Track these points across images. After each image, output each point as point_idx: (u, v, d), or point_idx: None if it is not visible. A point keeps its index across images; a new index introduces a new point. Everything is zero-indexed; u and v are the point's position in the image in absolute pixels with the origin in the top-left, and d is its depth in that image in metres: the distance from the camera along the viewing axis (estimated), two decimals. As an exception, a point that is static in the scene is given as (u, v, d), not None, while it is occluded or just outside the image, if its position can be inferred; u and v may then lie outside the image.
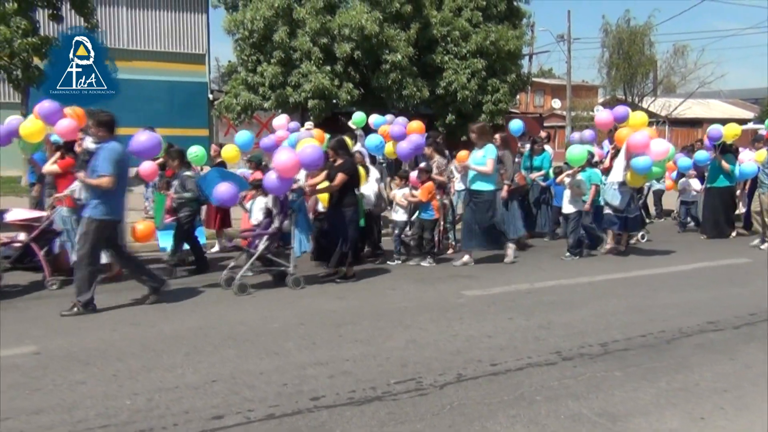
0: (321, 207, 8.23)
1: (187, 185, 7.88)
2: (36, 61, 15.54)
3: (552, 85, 46.80)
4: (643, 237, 10.61)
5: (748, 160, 10.94)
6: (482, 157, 8.46)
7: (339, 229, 7.60)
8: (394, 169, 11.24)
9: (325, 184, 7.64)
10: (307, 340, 5.27)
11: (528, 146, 11.16)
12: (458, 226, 9.71)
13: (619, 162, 9.04)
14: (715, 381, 4.44)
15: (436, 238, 9.03)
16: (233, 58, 23.95)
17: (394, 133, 10.16)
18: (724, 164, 10.94)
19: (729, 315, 6.11)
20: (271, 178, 7.02)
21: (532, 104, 44.11)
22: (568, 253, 9.21)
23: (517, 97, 32.10)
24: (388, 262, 8.74)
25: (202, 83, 24.71)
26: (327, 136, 9.80)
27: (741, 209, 12.14)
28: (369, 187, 8.68)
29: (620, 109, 10.22)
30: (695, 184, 12.16)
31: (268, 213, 7.54)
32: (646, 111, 29.50)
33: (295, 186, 7.37)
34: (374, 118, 11.45)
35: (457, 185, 9.70)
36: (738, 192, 11.75)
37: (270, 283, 7.44)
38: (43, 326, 5.72)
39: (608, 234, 9.62)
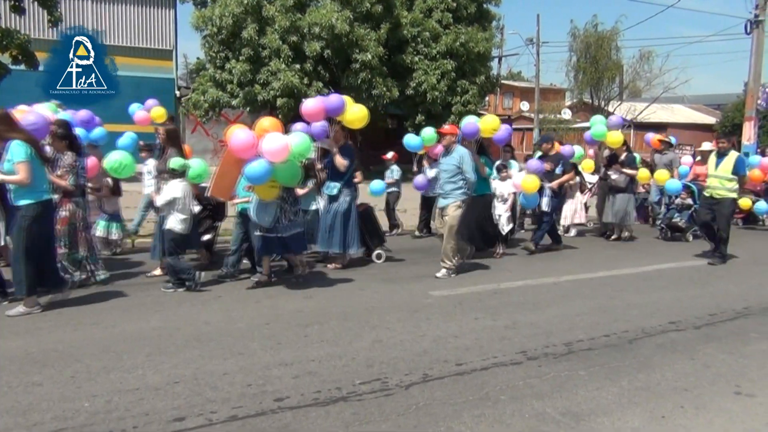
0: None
1: None
2: (-3, 54, 15.11)
3: (521, 88, 47.42)
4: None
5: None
6: (8, 162, 5.73)
7: None
8: None
9: None
10: (273, 341, 5.21)
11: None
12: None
13: (222, 173, 6.97)
14: (676, 380, 4.52)
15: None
16: (201, 55, 23.73)
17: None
18: (482, 167, 8.64)
19: (690, 315, 6.24)
20: None
21: (501, 106, 44.56)
22: (170, 285, 6.96)
23: (486, 98, 32.44)
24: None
25: (169, 79, 24.38)
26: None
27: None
28: None
29: (334, 98, 7.75)
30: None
31: None
32: (612, 114, 30.15)
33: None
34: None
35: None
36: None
37: (235, 283, 7.35)
38: (-2, 326, 5.55)
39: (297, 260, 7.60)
